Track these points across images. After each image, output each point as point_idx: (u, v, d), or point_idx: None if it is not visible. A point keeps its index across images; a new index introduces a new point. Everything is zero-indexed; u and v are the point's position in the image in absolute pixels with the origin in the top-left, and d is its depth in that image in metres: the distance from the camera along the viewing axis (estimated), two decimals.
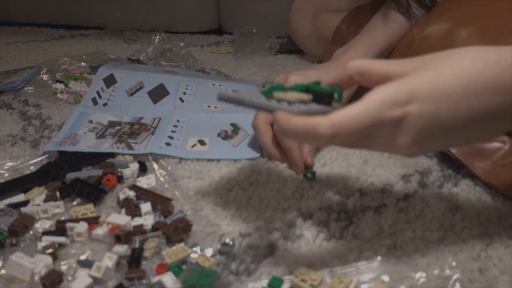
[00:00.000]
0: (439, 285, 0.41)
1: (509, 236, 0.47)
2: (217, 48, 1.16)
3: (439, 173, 0.58)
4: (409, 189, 0.55)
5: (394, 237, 0.47)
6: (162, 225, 0.48)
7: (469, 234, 0.47)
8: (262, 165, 0.61)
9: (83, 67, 0.94)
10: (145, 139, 0.67)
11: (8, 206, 0.53)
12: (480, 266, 0.43)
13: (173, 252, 0.45)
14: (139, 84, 0.81)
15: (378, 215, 0.51)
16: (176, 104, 0.77)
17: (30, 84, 0.87)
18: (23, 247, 0.47)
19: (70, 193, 0.55)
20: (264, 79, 0.92)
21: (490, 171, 0.54)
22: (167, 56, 1.04)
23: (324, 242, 0.47)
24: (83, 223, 0.49)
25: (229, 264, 0.45)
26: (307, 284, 0.41)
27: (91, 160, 0.61)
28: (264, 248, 0.47)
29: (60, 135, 0.68)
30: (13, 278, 0.43)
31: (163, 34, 1.16)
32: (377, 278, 0.42)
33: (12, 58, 1.08)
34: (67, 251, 0.47)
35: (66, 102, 0.82)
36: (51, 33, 1.29)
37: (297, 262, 0.45)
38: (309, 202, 0.53)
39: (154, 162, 0.62)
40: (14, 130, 0.73)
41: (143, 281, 0.42)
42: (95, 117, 0.73)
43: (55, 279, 0.42)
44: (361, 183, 0.56)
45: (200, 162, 0.62)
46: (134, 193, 0.54)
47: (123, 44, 1.19)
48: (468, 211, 0.51)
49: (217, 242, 0.48)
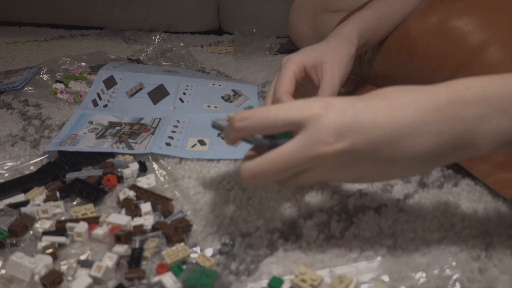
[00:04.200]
0: (439, 285, 0.41)
1: (509, 236, 0.47)
2: (217, 48, 1.16)
3: (439, 173, 0.58)
4: (409, 189, 0.55)
5: (394, 237, 0.47)
6: (162, 225, 0.48)
7: (469, 234, 0.47)
8: None
9: (83, 67, 0.94)
10: (145, 139, 0.67)
11: (8, 206, 0.53)
12: (480, 266, 0.43)
13: (173, 252, 0.45)
14: (139, 85, 0.81)
15: (378, 215, 0.51)
16: (176, 104, 0.77)
17: (30, 84, 0.87)
18: (23, 247, 0.47)
19: (70, 193, 0.55)
20: (264, 79, 0.92)
21: (491, 175, 0.54)
22: (167, 56, 1.04)
23: (324, 242, 0.47)
24: (83, 223, 0.49)
25: (229, 264, 0.45)
26: (307, 284, 0.41)
27: (91, 160, 0.61)
28: (264, 248, 0.47)
29: (60, 135, 0.68)
30: (13, 278, 0.43)
31: (163, 34, 1.16)
32: (377, 278, 0.42)
33: (12, 58, 1.08)
34: (67, 251, 0.47)
35: (66, 102, 0.82)
36: (51, 33, 1.29)
37: (297, 262, 0.45)
38: (309, 202, 0.53)
39: (154, 162, 0.62)
40: (14, 130, 0.73)
41: (143, 281, 0.42)
42: (96, 118, 0.73)
43: (55, 279, 0.42)
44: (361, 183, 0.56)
45: (200, 162, 0.62)
46: (134, 193, 0.54)
47: (123, 44, 1.19)
48: (468, 211, 0.51)
49: (217, 242, 0.48)
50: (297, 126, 0.38)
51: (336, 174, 0.40)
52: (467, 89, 0.37)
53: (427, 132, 0.37)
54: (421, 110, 0.37)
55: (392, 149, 0.37)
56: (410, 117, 0.37)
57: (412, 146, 0.37)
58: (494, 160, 0.54)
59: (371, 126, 0.37)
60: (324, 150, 0.37)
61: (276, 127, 0.39)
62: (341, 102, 0.38)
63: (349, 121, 0.37)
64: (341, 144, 0.37)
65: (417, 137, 0.37)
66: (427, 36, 0.64)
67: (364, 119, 0.37)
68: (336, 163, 0.38)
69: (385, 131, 0.37)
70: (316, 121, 0.37)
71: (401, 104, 0.37)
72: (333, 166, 0.39)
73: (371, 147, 0.37)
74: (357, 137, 0.37)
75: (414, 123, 0.37)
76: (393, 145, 0.37)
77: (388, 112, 0.37)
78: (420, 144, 0.37)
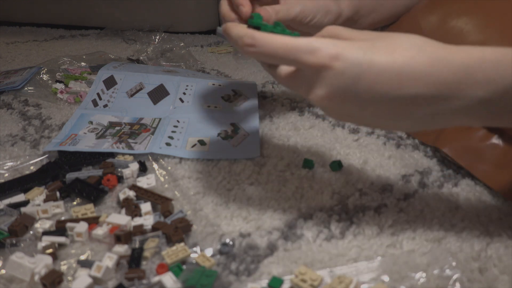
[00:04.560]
0: (439, 285, 0.41)
1: (509, 236, 0.47)
2: (217, 48, 1.16)
3: (439, 173, 0.58)
4: (409, 189, 0.55)
5: (394, 237, 0.47)
6: (162, 225, 0.48)
7: (469, 234, 0.47)
8: (262, 165, 0.61)
9: (83, 67, 0.94)
10: (145, 139, 0.67)
11: (8, 206, 0.53)
12: (480, 266, 0.43)
13: (173, 252, 0.45)
14: (139, 85, 0.81)
15: (378, 215, 0.51)
16: (176, 104, 0.77)
17: (30, 84, 0.87)
18: (23, 247, 0.47)
19: (70, 193, 0.55)
20: (264, 79, 0.92)
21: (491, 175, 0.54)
22: (167, 56, 1.04)
23: (324, 242, 0.47)
24: (83, 223, 0.49)
25: (229, 264, 0.45)
26: (307, 284, 0.41)
27: (91, 160, 0.61)
28: (264, 248, 0.47)
29: (60, 135, 0.68)
30: (13, 278, 0.43)
31: (163, 34, 1.16)
32: (377, 278, 0.42)
33: (12, 58, 1.08)
34: (67, 251, 0.47)
35: (66, 102, 0.82)
36: (51, 33, 1.29)
37: (297, 262, 0.45)
38: (309, 202, 0.53)
39: (154, 162, 0.62)
40: (14, 130, 0.73)
41: (143, 281, 0.42)
42: (96, 118, 0.73)
43: (55, 279, 0.42)
44: (361, 183, 0.56)
45: (200, 162, 0.62)
46: (134, 193, 0.54)
47: (123, 44, 1.19)
48: (468, 211, 0.51)
49: (217, 242, 0.48)
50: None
51: (324, 97, 0.40)
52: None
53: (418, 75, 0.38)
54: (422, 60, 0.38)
55: (380, 86, 0.38)
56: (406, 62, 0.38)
57: (401, 87, 0.38)
58: (494, 160, 0.54)
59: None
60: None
61: (282, 62, 0.42)
62: (351, 56, 0.38)
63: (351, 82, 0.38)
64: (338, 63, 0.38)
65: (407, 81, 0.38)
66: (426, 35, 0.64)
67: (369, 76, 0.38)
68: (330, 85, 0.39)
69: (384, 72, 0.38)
70: (323, 72, 0.39)
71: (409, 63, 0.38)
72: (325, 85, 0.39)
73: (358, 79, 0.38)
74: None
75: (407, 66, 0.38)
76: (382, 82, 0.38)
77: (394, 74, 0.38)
78: (407, 87, 0.38)
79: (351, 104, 0.40)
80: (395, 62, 0.37)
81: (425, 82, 0.37)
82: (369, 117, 0.41)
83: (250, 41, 0.40)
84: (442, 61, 0.37)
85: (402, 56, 0.38)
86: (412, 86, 0.37)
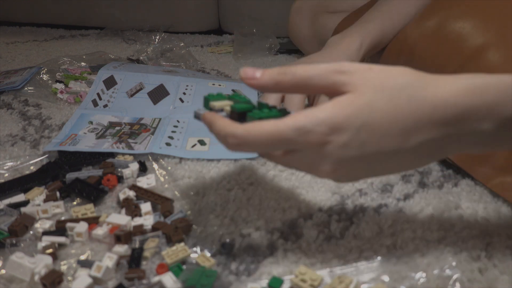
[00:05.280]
0: (439, 285, 0.41)
1: (509, 236, 0.47)
2: (217, 48, 1.16)
3: (439, 173, 0.58)
4: (409, 189, 0.55)
5: (394, 237, 0.47)
6: (162, 225, 0.48)
7: (469, 234, 0.47)
8: (262, 165, 0.61)
9: (83, 67, 0.94)
10: (145, 139, 0.67)
11: (8, 206, 0.53)
12: (480, 266, 0.43)
13: (173, 252, 0.45)
14: (139, 85, 0.81)
15: (378, 215, 0.51)
16: (176, 104, 0.77)
17: (30, 84, 0.87)
18: (23, 247, 0.47)
19: (70, 193, 0.55)
20: None
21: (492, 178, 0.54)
22: (167, 56, 1.04)
23: (324, 242, 0.47)
24: (83, 223, 0.49)
25: (229, 264, 0.45)
26: (307, 284, 0.41)
27: (91, 160, 0.61)
28: (264, 248, 0.47)
29: (60, 135, 0.68)
30: (13, 278, 0.43)
31: (163, 34, 1.16)
32: (377, 278, 0.42)
33: (12, 58, 1.08)
34: (67, 251, 0.47)
35: (66, 102, 0.82)
36: (51, 33, 1.29)
37: (297, 262, 0.45)
38: (309, 202, 0.53)
39: (154, 162, 0.62)
40: (14, 130, 0.73)
41: (143, 281, 0.42)
42: (96, 118, 0.73)
43: (55, 279, 0.42)
44: (361, 183, 0.56)
45: (200, 162, 0.62)
46: (134, 193, 0.54)
47: (123, 44, 1.19)
48: (468, 211, 0.51)
49: (217, 242, 0.48)
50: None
51: (324, 165, 0.38)
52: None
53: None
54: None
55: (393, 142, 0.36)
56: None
57: (407, 140, 0.37)
58: (495, 163, 0.54)
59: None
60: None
61: (276, 149, 0.39)
62: (351, 124, 0.36)
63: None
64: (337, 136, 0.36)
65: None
66: (425, 40, 0.64)
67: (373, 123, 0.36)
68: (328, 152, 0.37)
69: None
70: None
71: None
72: (323, 155, 0.37)
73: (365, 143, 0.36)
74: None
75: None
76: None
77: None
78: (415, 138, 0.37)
79: (361, 168, 0.39)
80: (397, 123, 0.36)
81: (431, 126, 0.36)
82: (381, 170, 0.40)
83: (235, 141, 0.37)
84: (443, 101, 0.36)
85: (405, 113, 0.36)
86: (418, 134, 0.36)
